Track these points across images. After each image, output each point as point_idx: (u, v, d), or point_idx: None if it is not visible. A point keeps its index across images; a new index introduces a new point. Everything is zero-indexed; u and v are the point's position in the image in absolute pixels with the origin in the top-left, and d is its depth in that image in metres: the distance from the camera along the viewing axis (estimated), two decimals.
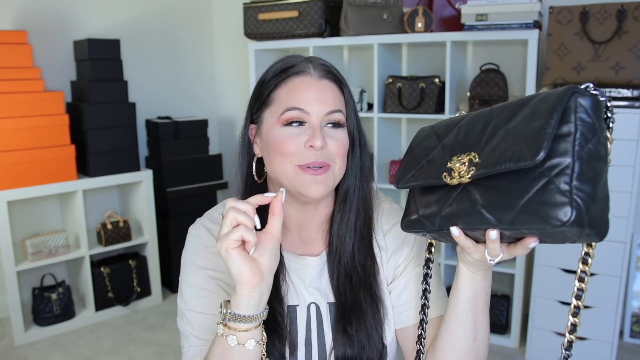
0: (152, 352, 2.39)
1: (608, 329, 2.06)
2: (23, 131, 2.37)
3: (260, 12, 2.69)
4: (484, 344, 0.78)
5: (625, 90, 1.97)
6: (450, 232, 0.63)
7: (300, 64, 0.83)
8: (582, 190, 0.52)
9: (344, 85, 0.85)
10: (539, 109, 0.56)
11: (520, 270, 2.29)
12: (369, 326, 0.84)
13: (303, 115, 0.80)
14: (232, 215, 0.67)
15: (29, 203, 2.68)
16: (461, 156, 0.62)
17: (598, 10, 2.01)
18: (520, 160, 0.54)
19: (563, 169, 0.53)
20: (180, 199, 2.99)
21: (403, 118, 2.77)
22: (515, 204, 0.55)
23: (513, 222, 0.55)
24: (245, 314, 0.69)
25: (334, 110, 0.81)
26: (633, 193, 1.96)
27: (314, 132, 0.79)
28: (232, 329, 0.69)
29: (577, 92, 0.55)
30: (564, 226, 0.51)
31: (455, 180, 0.62)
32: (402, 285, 0.88)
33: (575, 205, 0.51)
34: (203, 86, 3.47)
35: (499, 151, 0.57)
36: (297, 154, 0.79)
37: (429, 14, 2.37)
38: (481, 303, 0.75)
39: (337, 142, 0.81)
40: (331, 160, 0.80)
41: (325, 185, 0.80)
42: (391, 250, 0.89)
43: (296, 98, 0.80)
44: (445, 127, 0.70)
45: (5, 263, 2.37)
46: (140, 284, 2.82)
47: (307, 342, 0.86)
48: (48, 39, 2.72)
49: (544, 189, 0.53)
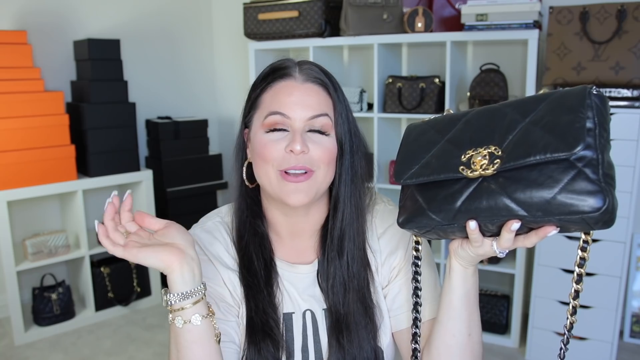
0: (152, 352, 2.39)
1: (608, 329, 2.06)
2: (23, 131, 2.37)
3: (260, 12, 2.69)
4: (478, 340, 0.78)
5: (625, 90, 1.97)
6: (468, 225, 0.63)
7: (287, 68, 0.82)
8: (608, 180, 0.56)
9: (334, 89, 0.83)
10: (563, 104, 0.59)
11: (520, 270, 2.29)
12: (361, 337, 0.83)
13: (285, 120, 0.79)
14: (103, 241, 0.70)
15: (29, 203, 2.68)
16: (478, 149, 0.63)
17: (598, 10, 2.01)
18: (557, 151, 0.56)
19: (590, 160, 0.57)
20: (180, 199, 2.99)
21: (403, 118, 2.77)
22: (547, 194, 0.57)
23: (545, 212, 0.57)
24: (183, 291, 0.71)
25: (318, 114, 0.79)
26: (633, 193, 1.96)
27: (294, 136, 0.78)
28: (176, 311, 0.71)
29: (591, 91, 0.59)
30: (597, 212, 0.54)
31: (477, 173, 0.62)
32: (397, 288, 0.87)
33: (606, 193, 0.55)
34: (203, 86, 3.47)
35: (527, 143, 0.59)
36: (277, 158, 0.79)
37: (429, 14, 2.37)
38: (473, 299, 0.75)
39: (320, 148, 0.79)
40: (314, 165, 0.79)
41: (306, 194, 0.79)
42: (385, 253, 0.88)
43: (278, 102, 0.80)
44: (446, 123, 0.70)
45: (5, 263, 2.37)
46: (140, 284, 2.82)
47: (303, 349, 0.86)
48: (48, 39, 2.72)
49: (575, 178, 0.56)
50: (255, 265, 0.84)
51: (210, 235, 0.88)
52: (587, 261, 0.63)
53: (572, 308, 0.65)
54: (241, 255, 0.86)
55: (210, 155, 3.15)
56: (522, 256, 2.29)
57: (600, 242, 2.02)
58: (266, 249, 0.87)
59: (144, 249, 0.69)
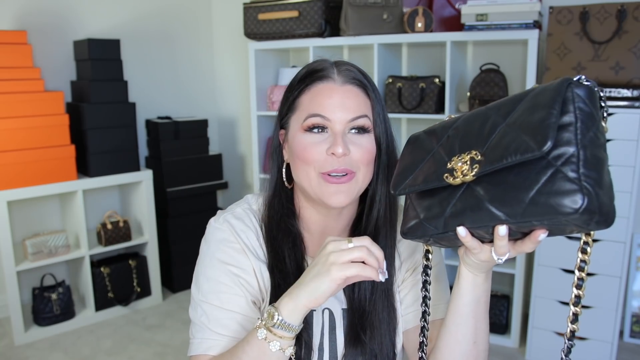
0: (152, 352, 2.39)
1: (608, 329, 2.06)
2: (23, 131, 2.37)
3: (260, 12, 2.69)
4: (484, 348, 0.77)
5: (625, 90, 1.96)
6: (457, 232, 0.62)
7: (325, 69, 0.82)
8: (590, 177, 0.52)
9: (371, 89, 0.83)
10: (538, 101, 0.56)
11: (520, 270, 2.29)
12: (383, 335, 0.84)
13: (325, 122, 0.79)
14: (363, 254, 0.67)
15: (29, 203, 2.68)
16: (461, 155, 0.62)
17: (598, 10, 2.01)
18: (527, 151, 0.53)
19: (569, 157, 0.53)
20: (180, 199, 2.99)
21: (403, 118, 2.77)
22: (524, 196, 0.55)
23: (524, 215, 0.55)
24: (295, 325, 0.70)
25: (358, 116, 0.80)
26: (633, 193, 1.96)
27: (335, 139, 0.78)
28: (277, 336, 0.70)
29: (573, 83, 0.56)
30: (576, 213, 0.51)
31: (459, 179, 0.61)
32: (407, 289, 0.89)
33: (586, 192, 0.51)
34: (203, 86, 3.47)
35: (502, 146, 0.57)
36: (319, 161, 0.79)
37: (429, 14, 2.37)
38: (482, 306, 0.74)
39: (361, 149, 0.80)
40: (355, 167, 0.79)
41: (347, 195, 0.79)
42: (404, 257, 0.90)
43: (318, 104, 0.80)
44: (441, 129, 0.69)
45: (5, 263, 2.37)
46: (140, 284, 2.82)
47: (319, 347, 0.86)
48: (48, 39, 2.72)
49: (552, 178, 0.53)
50: (287, 266, 0.84)
51: (241, 222, 0.87)
52: (588, 264, 0.60)
53: (573, 315, 0.61)
54: (273, 255, 0.85)
55: (210, 155, 3.15)
56: (522, 256, 2.29)
57: (600, 242, 2.02)
58: (298, 248, 0.87)
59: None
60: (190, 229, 3.02)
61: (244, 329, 0.81)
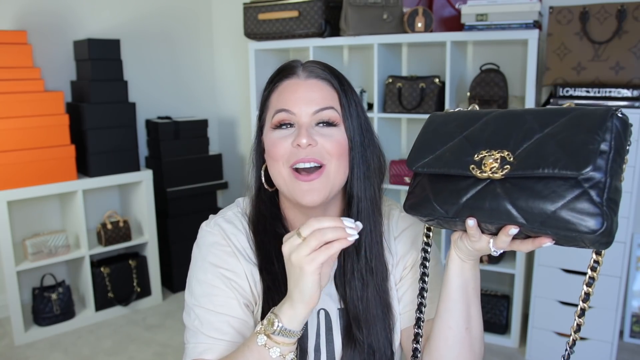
0: (152, 352, 2.39)
1: (608, 329, 2.06)
2: (23, 131, 2.37)
3: (260, 12, 2.69)
4: (478, 337, 0.78)
5: (625, 90, 1.97)
6: (467, 222, 0.65)
7: (291, 68, 0.83)
8: (611, 205, 0.57)
9: (339, 82, 0.83)
10: (582, 123, 0.58)
11: (520, 270, 2.29)
12: (379, 332, 0.84)
13: (290, 116, 0.80)
14: (320, 239, 0.65)
15: (29, 203, 2.68)
16: (491, 152, 0.64)
17: (598, 10, 2.01)
18: (565, 169, 0.56)
19: (597, 182, 0.57)
20: (180, 199, 2.99)
21: (403, 118, 2.77)
22: (548, 207, 0.58)
23: (543, 224, 0.58)
24: (296, 330, 0.70)
25: (322, 108, 0.80)
26: (633, 193, 1.96)
27: (299, 131, 0.78)
28: (276, 342, 0.70)
29: (615, 114, 0.59)
30: (594, 234, 0.55)
31: (486, 174, 0.63)
32: (405, 287, 0.88)
33: (606, 217, 0.56)
34: (203, 86, 3.47)
35: (539, 155, 0.59)
36: (285, 154, 0.79)
37: (429, 14, 2.37)
38: (472, 292, 0.75)
39: (330, 140, 0.79)
40: (325, 159, 0.79)
41: (319, 193, 0.79)
42: (400, 255, 0.90)
43: (284, 100, 0.81)
44: (468, 119, 0.70)
45: (5, 263, 2.37)
46: (140, 284, 2.82)
47: (316, 348, 0.85)
48: (48, 39, 2.72)
49: (578, 198, 0.57)
50: (275, 268, 0.84)
51: (232, 225, 0.87)
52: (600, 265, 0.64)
53: (572, 341, 0.65)
54: (262, 258, 0.85)
55: (210, 155, 3.15)
56: (522, 256, 2.29)
57: None
58: None
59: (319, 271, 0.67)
60: (190, 229, 3.01)
61: (238, 332, 0.81)
